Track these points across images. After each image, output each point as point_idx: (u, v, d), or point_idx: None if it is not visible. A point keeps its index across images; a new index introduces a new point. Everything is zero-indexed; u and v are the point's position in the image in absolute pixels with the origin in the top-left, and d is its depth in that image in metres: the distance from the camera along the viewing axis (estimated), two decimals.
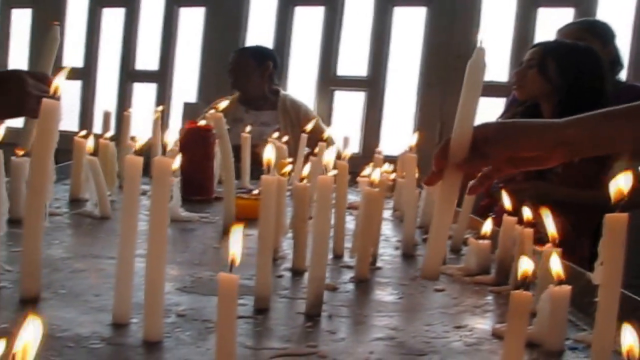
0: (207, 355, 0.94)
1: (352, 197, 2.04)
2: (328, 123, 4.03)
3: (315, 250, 1.14)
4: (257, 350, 0.98)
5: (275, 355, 0.96)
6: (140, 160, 1.01)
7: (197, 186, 2.15)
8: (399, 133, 4.24)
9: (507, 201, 1.47)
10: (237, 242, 0.87)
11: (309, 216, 1.40)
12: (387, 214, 2.09)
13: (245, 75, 3.72)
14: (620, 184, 0.94)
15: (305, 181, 1.41)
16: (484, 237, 1.52)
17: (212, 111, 1.79)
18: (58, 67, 1.54)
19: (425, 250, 1.22)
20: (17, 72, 1.73)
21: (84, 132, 2.09)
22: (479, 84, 1.13)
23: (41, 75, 1.72)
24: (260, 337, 1.04)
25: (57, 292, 1.17)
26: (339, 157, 1.51)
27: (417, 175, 1.68)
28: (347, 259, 1.54)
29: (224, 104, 1.81)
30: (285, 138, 2.54)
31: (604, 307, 0.93)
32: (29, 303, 1.09)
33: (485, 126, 1.14)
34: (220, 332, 0.87)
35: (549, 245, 1.19)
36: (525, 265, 0.90)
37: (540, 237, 1.31)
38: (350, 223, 1.72)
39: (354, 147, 4.19)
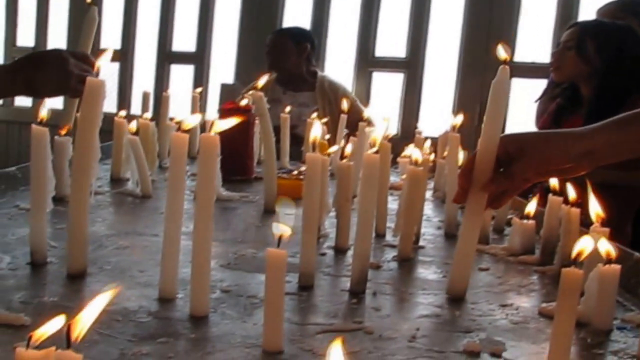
0: (254, 329, 0.95)
1: (392, 178, 2.04)
2: (366, 105, 4.01)
3: (360, 227, 1.15)
4: (304, 325, 0.99)
5: (322, 331, 0.96)
6: (186, 137, 1.02)
7: (237, 166, 2.16)
8: (438, 115, 4.22)
9: (554, 180, 1.47)
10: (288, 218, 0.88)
11: (352, 195, 1.41)
12: (427, 194, 2.09)
13: (283, 56, 3.72)
14: None
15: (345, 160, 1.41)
16: (527, 217, 1.51)
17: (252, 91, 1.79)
18: (96, 49, 1.56)
19: (450, 268, 1.21)
20: (58, 51, 1.74)
21: (123, 113, 2.11)
22: (503, 104, 1.13)
23: (82, 55, 1.73)
24: (306, 313, 1.05)
25: (102, 267, 1.19)
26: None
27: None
28: (389, 238, 1.55)
29: (263, 79, 1.80)
30: (324, 119, 2.54)
31: None
32: (76, 278, 1.11)
33: (506, 142, 1.12)
34: (268, 307, 0.88)
35: (596, 225, 1.18)
36: (583, 244, 0.89)
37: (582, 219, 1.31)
38: (391, 203, 1.72)
39: (393, 129, 4.18)
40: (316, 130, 1.26)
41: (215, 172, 1.00)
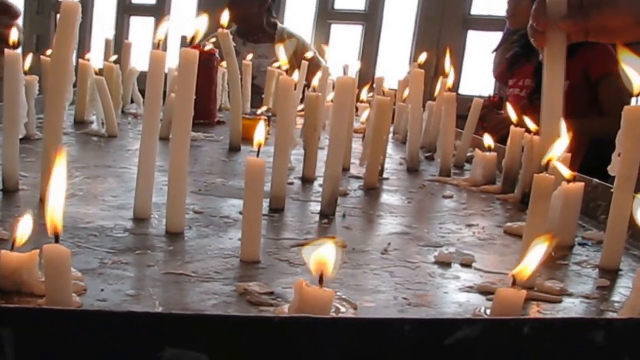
0: (230, 243, 0.95)
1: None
2: (324, 56, 4.00)
3: (331, 149, 1.15)
4: (278, 240, 0.99)
5: (297, 244, 0.97)
6: (164, 54, 1.01)
7: (199, 110, 2.13)
8: (396, 67, 4.23)
9: (512, 115, 1.49)
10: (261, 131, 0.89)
11: (320, 125, 1.41)
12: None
13: (243, 7, 3.68)
14: None
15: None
16: (488, 150, 1.53)
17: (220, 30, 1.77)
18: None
19: (540, 125, 1.18)
20: None
21: (88, 55, 2.08)
22: None
23: (2, 6, 1.48)
24: (280, 231, 1.05)
25: (75, 194, 1.17)
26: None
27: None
28: (354, 171, 1.55)
29: (225, 16, 1.77)
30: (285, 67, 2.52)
31: (620, 197, 0.94)
32: None
33: None
34: (246, 215, 0.88)
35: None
36: (551, 153, 0.91)
37: None
38: (355, 143, 1.73)
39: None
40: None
41: (194, 87, 0.99)
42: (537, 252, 0.68)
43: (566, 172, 1.02)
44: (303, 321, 0.54)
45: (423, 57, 1.73)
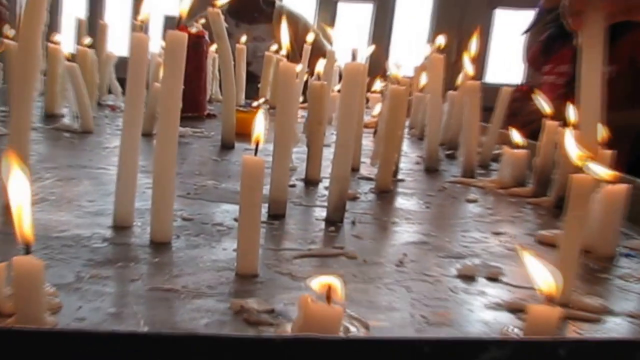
0: (224, 254, 0.96)
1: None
2: (330, 40, 4.01)
3: (338, 145, 1.16)
4: (279, 251, 1.00)
5: (300, 256, 0.98)
6: (147, 38, 1.02)
7: (188, 101, 2.13)
8: (410, 52, 4.23)
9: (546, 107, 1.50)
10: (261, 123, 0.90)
11: (325, 119, 1.42)
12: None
13: None
14: None
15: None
16: (518, 147, 1.53)
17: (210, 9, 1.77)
18: None
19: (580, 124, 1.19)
20: None
21: (59, 37, 2.08)
22: None
23: None
24: (281, 240, 1.06)
25: (46, 198, 1.18)
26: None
27: None
28: (364, 172, 1.56)
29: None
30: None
31: None
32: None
33: None
34: (242, 223, 0.89)
35: None
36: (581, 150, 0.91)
37: None
38: (365, 140, 1.74)
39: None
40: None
41: (182, 76, 1.00)
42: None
43: (606, 173, 1.03)
44: (309, 342, 0.55)
45: (441, 39, 1.73)
